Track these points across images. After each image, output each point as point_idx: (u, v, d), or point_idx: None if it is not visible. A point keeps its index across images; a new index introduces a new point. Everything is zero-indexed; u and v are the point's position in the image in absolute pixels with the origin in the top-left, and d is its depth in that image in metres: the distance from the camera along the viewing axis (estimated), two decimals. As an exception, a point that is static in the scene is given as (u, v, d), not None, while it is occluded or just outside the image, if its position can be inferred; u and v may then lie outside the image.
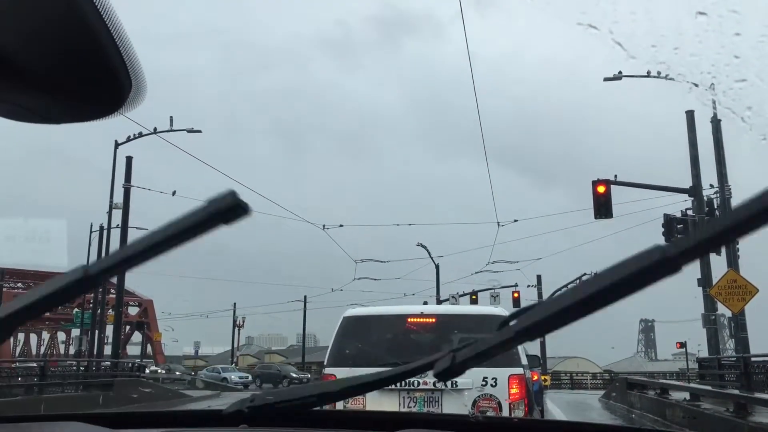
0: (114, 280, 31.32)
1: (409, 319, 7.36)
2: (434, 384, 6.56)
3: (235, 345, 69.38)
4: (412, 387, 6.69)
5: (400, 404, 6.70)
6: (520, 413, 6.59)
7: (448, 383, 6.55)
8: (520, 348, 7.18)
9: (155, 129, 26.25)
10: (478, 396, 6.61)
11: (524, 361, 7.18)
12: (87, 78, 0.91)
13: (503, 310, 7.66)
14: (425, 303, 21.90)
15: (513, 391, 6.63)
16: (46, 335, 67.78)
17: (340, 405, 6.64)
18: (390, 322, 7.47)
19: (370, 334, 7.41)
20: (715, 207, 21.02)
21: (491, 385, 6.60)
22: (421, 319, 7.39)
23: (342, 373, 6.69)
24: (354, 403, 6.57)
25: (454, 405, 6.62)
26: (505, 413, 6.47)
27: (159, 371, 44.97)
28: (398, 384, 6.43)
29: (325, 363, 7.28)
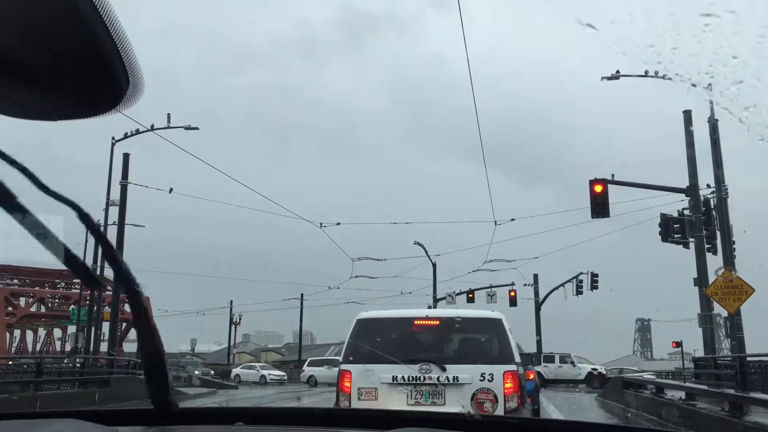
0: (111, 276, 31.21)
1: (415, 321, 8.02)
2: (438, 379, 7.30)
3: (232, 342, 69.33)
4: (419, 382, 7.30)
5: (408, 396, 7.30)
6: (513, 405, 7.19)
7: (450, 378, 7.31)
8: (513, 346, 7.74)
9: (152, 126, 26.19)
10: (477, 390, 7.20)
11: (518, 359, 7.78)
12: (85, 75, 0.91)
13: (500, 314, 8.08)
14: (429, 307, 22.87)
15: (507, 385, 7.23)
16: (42, 332, 67.56)
17: (354, 396, 7.28)
18: (399, 324, 8.07)
19: (380, 335, 8.00)
20: (712, 207, 21.02)
21: (488, 380, 7.22)
22: (427, 322, 8.00)
23: (356, 369, 7.47)
24: (367, 396, 7.28)
25: (456, 397, 7.24)
26: (501, 405, 7.13)
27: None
28: (406, 379, 7.28)
29: (340, 360, 7.89)
